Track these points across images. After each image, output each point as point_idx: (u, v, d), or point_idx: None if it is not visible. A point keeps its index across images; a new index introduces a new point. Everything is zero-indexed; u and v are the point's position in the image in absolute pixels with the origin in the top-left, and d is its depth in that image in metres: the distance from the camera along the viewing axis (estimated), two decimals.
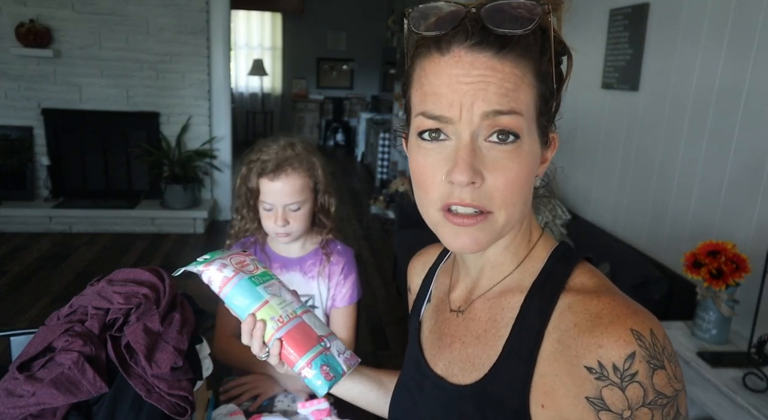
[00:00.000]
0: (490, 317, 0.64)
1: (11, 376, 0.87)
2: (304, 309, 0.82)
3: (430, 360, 0.71)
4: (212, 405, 1.19)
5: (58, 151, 4.55)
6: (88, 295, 0.97)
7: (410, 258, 0.91)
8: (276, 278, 0.84)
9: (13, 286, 3.47)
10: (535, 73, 0.56)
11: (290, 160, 1.29)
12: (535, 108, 0.57)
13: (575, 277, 0.60)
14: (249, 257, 0.85)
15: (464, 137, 0.55)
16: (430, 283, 0.79)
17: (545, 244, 0.66)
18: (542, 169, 0.63)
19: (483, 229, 0.58)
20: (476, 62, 0.55)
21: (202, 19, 4.50)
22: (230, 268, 0.80)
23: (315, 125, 9.16)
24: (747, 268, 1.58)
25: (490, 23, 0.54)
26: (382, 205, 5.14)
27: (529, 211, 0.65)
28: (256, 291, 0.79)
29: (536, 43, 0.56)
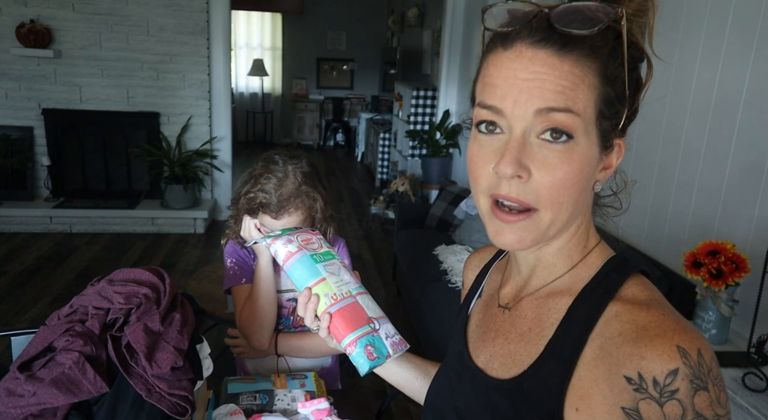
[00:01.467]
0: (536, 316, 0.65)
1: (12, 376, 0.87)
2: (359, 291, 0.87)
3: (472, 352, 0.72)
4: (212, 405, 1.19)
5: (59, 151, 4.55)
6: (88, 295, 0.97)
7: (410, 258, 0.93)
8: (339, 258, 0.91)
9: (13, 286, 3.48)
10: (600, 74, 0.56)
11: (291, 199, 1.27)
12: (594, 110, 0.56)
13: (627, 287, 0.59)
14: (316, 236, 0.93)
15: (516, 131, 0.56)
16: (483, 279, 0.81)
17: (601, 252, 0.65)
18: (604, 174, 0.61)
19: (526, 227, 0.58)
20: (535, 58, 0.55)
21: (202, 19, 4.51)
22: (295, 244, 0.88)
23: (315, 125, 9.16)
24: (747, 268, 1.58)
25: (557, 22, 0.55)
26: (382, 205, 5.14)
27: (587, 217, 0.65)
28: (316, 267, 0.86)
29: (605, 46, 0.56)
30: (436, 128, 4.89)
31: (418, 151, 5.32)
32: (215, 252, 4.25)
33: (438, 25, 5.33)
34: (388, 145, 6.62)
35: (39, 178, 4.56)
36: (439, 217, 3.47)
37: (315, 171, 1.35)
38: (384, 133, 6.68)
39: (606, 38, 0.56)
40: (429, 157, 4.89)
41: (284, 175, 1.29)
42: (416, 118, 5.40)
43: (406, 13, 6.94)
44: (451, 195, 3.52)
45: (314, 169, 1.35)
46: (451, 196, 3.51)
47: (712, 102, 2.01)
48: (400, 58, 7.61)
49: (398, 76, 7.56)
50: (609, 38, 0.56)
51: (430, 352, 2.60)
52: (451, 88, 4.99)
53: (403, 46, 7.52)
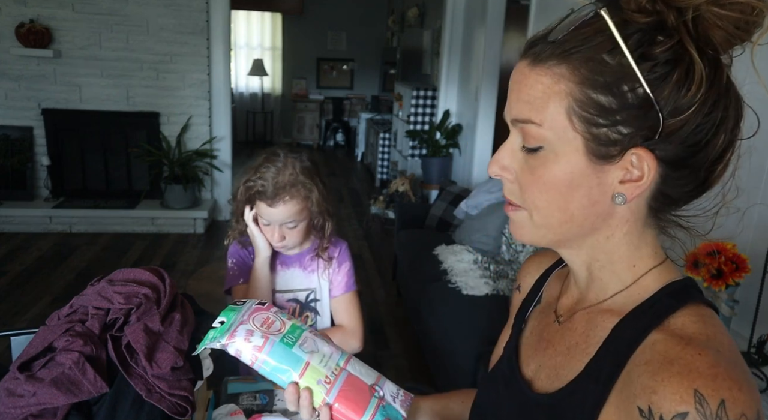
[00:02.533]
0: (584, 331, 0.64)
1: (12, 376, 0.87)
2: (345, 357, 0.76)
3: (523, 360, 0.71)
4: (212, 405, 1.19)
5: (58, 151, 4.55)
6: (88, 295, 0.97)
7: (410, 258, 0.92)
8: (305, 328, 0.76)
9: (13, 286, 3.47)
10: (580, 80, 0.53)
11: (287, 187, 1.28)
12: (572, 116, 0.54)
13: (679, 316, 0.55)
14: (271, 311, 0.77)
15: (509, 138, 0.60)
16: (541, 286, 0.78)
17: (660, 275, 0.61)
18: (629, 187, 0.55)
19: (518, 219, 0.62)
20: (517, 69, 0.58)
21: (202, 19, 4.51)
22: (258, 334, 0.71)
23: (315, 125, 9.15)
24: (747, 268, 1.58)
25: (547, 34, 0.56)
26: (382, 205, 5.14)
27: (628, 233, 0.59)
28: (293, 353, 0.71)
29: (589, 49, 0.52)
30: (436, 128, 4.89)
31: (418, 151, 5.32)
32: (215, 252, 4.25)
33: (438, 25, 5.33)
34: (388, 145, 6.62)
35: (39, 178, 4.56)
36: (439, 217, 3.47)
37: (314, 166, 1.36)
38: (384, 133, 6.68)
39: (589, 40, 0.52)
40: (429, 157, 4.89)
41: (283, 166, 1.30)
42: (416, 118, 5.40)
43: (406, 13, 6.94)
44: (451, 195, 3.52)
45: (314, 165, 1.36)
46: (451, 196, 3.51)
47: None
48: (400, 58, 7.61)
49: (398, 76, 7.56)
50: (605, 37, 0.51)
51: (430, 353, 2.61)
52: (451, 88, 4.99)
53: (403, 46, 7.52)
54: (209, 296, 2.25)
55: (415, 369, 2.80)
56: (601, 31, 0.52)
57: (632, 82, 0.51)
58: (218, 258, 4.07)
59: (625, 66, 0.51)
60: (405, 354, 2.93)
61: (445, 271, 2.78)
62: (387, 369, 2.77)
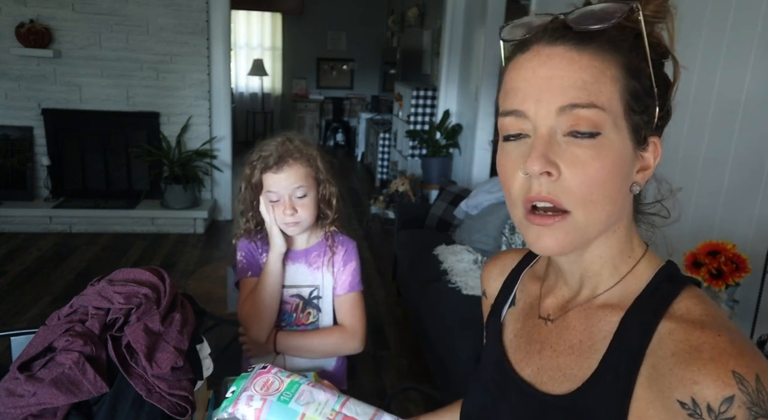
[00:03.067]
0: (585, 329, 0.63)
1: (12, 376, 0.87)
2: (341, 401, 0.82)
3: (516, 364, 0.69)
4: (212, 405, 1.19)
5: (58, 151, 4.55)
6: (88, 295, 0.97)
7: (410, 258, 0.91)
8: (303, 382, 0.84)
9: (13, 286, 3.47)
10: (622, 66, 0.55)
11: (290, 151, 1.33)
12: (621, 102, 0.55)
13: (681, 301, 0.57)
14: (271, 373, 0.85)
15: (541, 130, 0.55)
16: (512, 287, 0.77)
17: (650, 262, 0.63)
18: (642, 176, 0.59)
19: (563, 228, 0.56)
20: (553, 54, 0.55)
21: (202, 19, 4.50)
22: (257, 398, 0.80)
23: (315, 125, 9.15)
24: (747, 268, 1.58)
25: (572, 23, 0.55)
26: (382, 205, 5.14)
27: (628, 224, 0.62)
28: (290, 408, 0.79)
29: (625, 40, 0.55)
30: (436, 128, 4.89)
31: (418, 151, 5.32)
32: (215, 252, 4.25)
33: (438, 25, 5.33)
34: (388, 145, 6.62)
35: (39, 178, 4.56)
36: (439, 217, 3.47)
37: (311, 143, 1.42)
38: (384, 133, 6.68)
39: (624, 33, 0.55)
40: (429, 157, 4.89)
41: (283, 139, 1.37)
42: (416, 118, 5.40)
43: (406, 13, 6.93)
44: (451, 195, 3.52)
45: (309, 140, 1.43)
46: (451, 196, 3.51)
47: (713, 102, 2.01)
48: (400, 58, 7.60)
49: (398, 76, 7.56)
50: (628, 34, 0.55)
51: (430, 353, 2.61)
52: (451, 88, 4.99)
53: (403, 46, 7.52)
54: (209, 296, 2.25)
55: (415, 369, 2.80)
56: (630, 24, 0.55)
57: (647, 73, 0.56)
58: (218, 258, 4.07)
59: (643, 57, 0.55)
60: (405, 354, 2.93)
61: (445, 271, 2.78)
62: (387, 369, 2.77)
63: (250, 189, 1.37)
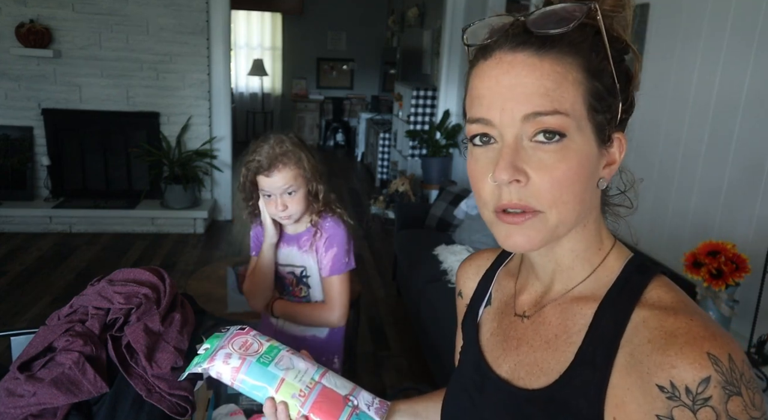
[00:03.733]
0: (560, 323, 0.64)
1: (12, 376, 0.87)
2: (320, 372, 0.81)
3: (492, 362, 0.70)
4: (212, 405, 1.19)
5: (58, 151, 4.55)
6: (88, 295, 0.97)
7: (410, 258, 0.91)
8: (283, 348, 0.82)
9: (13, 286, 3.47)
10: (584, 69, 0.56)
11: (280, 157, 1.47)
12: (584, 105, 0.56)
13: (651, 289, 0.59)
14: (250, 335, 0.82)
15: (507, 138, 0.56)
16: (488, 286, 0.78)
17: (619, 254, 0.64)
18: (608, 171, 0.60)
19: (533, 226, 0.58)
20: (515, 61, 0.55)
21: (202, 19, 4.50)
22: (236, 356, 0.77)
23: (315, 125, 9.15)
24: (747, 268, 1.58)
25: (532, 26, 0.56)
26: (382, 205, 5.14)
27: (597, 217, 0.64)
28: (269, 371, 0.77)
29: (584, 40, 0.56)
30: (436, 128, 4.89)
31: (418, 151, 5.32)
32: (215, 252, 4.25)
33: (438, 25, 5.33)
34: (388, 145, 6.62)
35: (39, 178, 4.56)
36: (439, 217, 3.47)
37: (301, 141, 1.55)
38: (384, 133, 6.68)
39: (584, 34, 0.56)
40: (429, 157, 4.89)
41: (274, 142, 1.49)
42: (416, 118, 5.40)
43: (406, 13, 6.93)
44: (451, 195, 3.52)
45: (301, 141, 1.55)
46: (451, 196, 3.51)
47: (713, 101, 2.01)
48: (400, 58, 7.61)
49: (398, 76, 7.56)
50: (587, 34, 0.56)
51: (430, 353, 2.60)
52: (451, 88, 4.99)
53: (403, 46, 7.52)
54: (209, 296, 2.26)
55: (415, 369, 2.80)
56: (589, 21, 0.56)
57: (609, 70, 0.57)
58: (218, 258, 4.07)
59: (604, 56, 0.57)
60: (405, 354, 2.93)
61: (445, 271, 2.78)
62: (387, 369, 2.77)
63: (248, 183, 1.53)
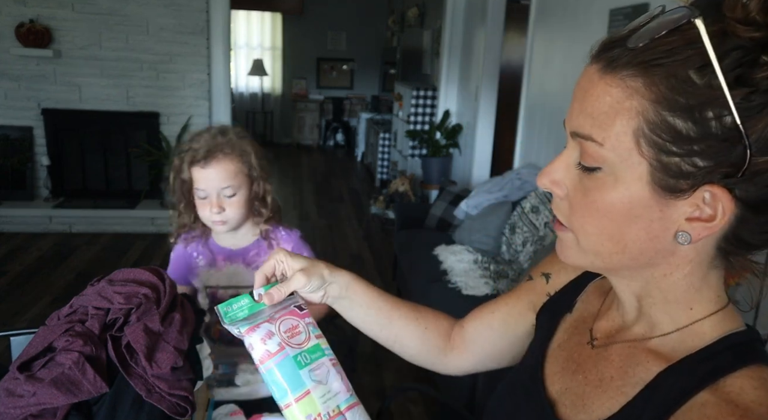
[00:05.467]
0: (621, 367, 0.58)
1: (11, 376, 0.87)
2: (350, 402, 0.69)
3: (548, 376, 0.66)
4: (212, 405, 1.19)
5: (58, 151, 4.55)
6: (88, 295, 0.97)
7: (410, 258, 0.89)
8: (326, 355, 0.71)
9: (13, 286, 3.47)
10: (653, 99, 0.45)
11: (221, 146, 1.26)
12: (634, 138, 0.47)
13: (739, 376, 0.49)
14: (303, 321, 0.71)
15: (565, 149, 0.54)
16: (577, 292, 0.71)
17: (721, 323, 0.54)
18: (698, 227, 0.49)
19: (565, 241, 0.57)
20: (586, 71, 0.51)
21: (202, 19, 4.50)
22: (276, 340, 0.67)
23: (315, 125, 9.16)
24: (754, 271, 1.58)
25: (616, 40, 0.49)
26: (382, 205, 5.14)
27: (690, 273, 0.53)
28: (299, 375, 0.67)
29: (668, 65, 0.45)
30: (436, 128, 4.89)
31: (418, 151, 5.32)
32: None
33: (438, 25, 5.33)
34: (388, 145, 6.62)
35: (39, 178, 4.56)
36: (439, 217, 3.47)
37: (247, 137, 1.34)
38: (384, 133, 6.68)
39: (676, 56, 0.45)
40: (429, 157, 4.89)
41: (216, 131, 1.30)
42: (416, 118, 5.40)
43: (406, 13, 6.94)
44: (451, 195, 3.52)
45: (246, 136, 1.34)
46: (451, 196, 3.51)
47: None
48: (400, 58, 7.61)
49: (398, 76, 7.56)
50: (683, 58, 0.44)
51: None
52: (451, 88, 4.99)
53: (403, 46, 7.52)
54: None
55: (415, 369, 2.79)
56: (692, 43, 0.44)
57: (720, 109, 0.43)
58: None
59: (715, 88, 0.43)
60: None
61: (445, 271, 2.78)
62: (387, 369, 2.77)
63: (180, 180, 1.31)
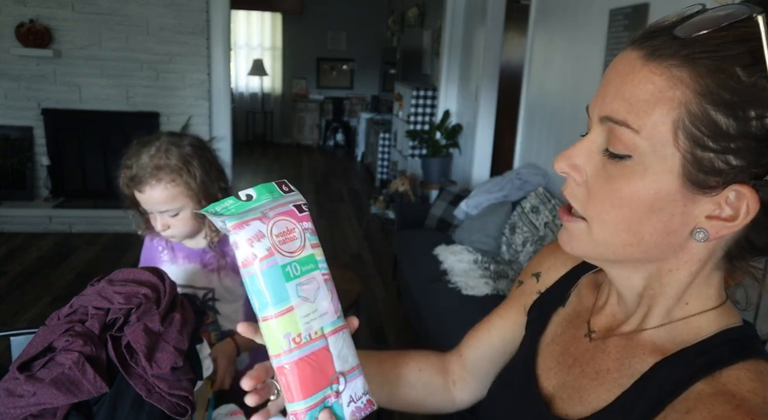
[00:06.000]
0: (618, 358, 0.58)
1: (11, 376, 0.87)
2: (336, 326, 0.60)
3: (542, 371, 0.66)
4: (212, 405, 1.19)
5: (58, 151, 4.55)
6: (88, 295, 0.97)
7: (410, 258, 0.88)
8: (320, 268, 0.61)
9: (13, 286, 3.47)
10: (698, 90, 0.45)
11: (157, 171, 1.21)
12: (672, 130, 0.46)
13: (736, 368, 0.49)
14: (300, 225, 0.60)
15: (590, 134, 0.52)
16: (569, 286, 0.71)
17: (717, 318, 0.54)
18: (716, 226, 0.48)
19: (573, 231, 0.54)
20: (625, 57, 0.49)
21: (202, 19, 4.50)
22: (265, 244, 0.57)
23: (315, 125, 9.16)
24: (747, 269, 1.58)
25: (664, 28, 0.48)
26: (382, 205, 5.14)
27: (696, 271, 0.53)
28: (285, 289, 0.57)
29: (717, 58, 0.44)
30: (436, 128, 4.89)
31: (418, 151, 5.32)
32: None
33: (438, 25, 5.33)
34: (388, 145, 6.62)
35: (39, 178, 4.56)
36: (439, 217, 3.47)
37: (197, 150, 1.27)
38: (384, 133, 6.68)
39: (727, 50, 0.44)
40: (429, 157, 4.89)
41: (156, 150, 1.24)
42: (416, 118, 5.40)
43: (406, 13, 6.94)
44: (451, 195, 3.52)
45: (196, 149, 1.27)
46: (451, 196, 3.51)
47: None
48: (400, 58, 7.61)
49: (398, 76, 7.56)
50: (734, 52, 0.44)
51: None
52: (451, 88, 4.99)
53: (403, 46, 7.52)
54: None
55: None
56: (744, 40, 0.44)
57: (763, 109, 0.43)
58: None
59: (761, 88, 0.43)
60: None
61: (445, 271, 2.78)
62: None
63: (124, 191, 1.28)
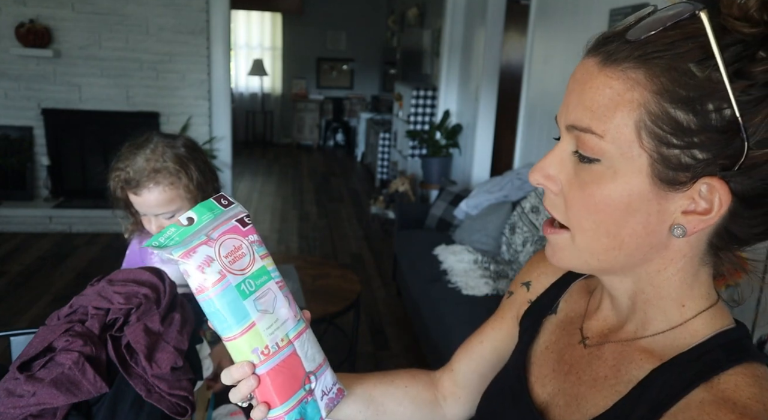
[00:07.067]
0: (615, 365, 0.58)
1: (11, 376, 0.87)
2: (299, 328, 0.63)
3: (535, 378, 0.66)
4: (212, 405, 1.19)
5: (58, 151, 4.55)
6: (88, 295, 0.97)
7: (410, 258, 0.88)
8: (273, 277, 0.62)
9: (13, 286, 3.47)
10: (655, 90, 0.46)
11: (152, 175, 1.21)
12: (637, 130, 0.47)
13: (733, 373, 0.49)
14: (247, 239, 0.61)
15: (559, 143, 0.53)
16: (559, 293, 0.71)
17: (712, 320, 0.54)
18: (693, 220, 0.49)
19: (558, 243, 0.55)
20: (584, 65, 0.50)
21: (202, 19, 4.50)
22: (215, 268, 0.57)
23: (315, 125, 9.16)
24: (746, 269, 1.58)
25: (617, 32, 0.49)
26: (382, 205, 5.14)
27: (683, 269, 0.53)
28: (243, 306, 0.58)
29: (669, 58, 0.45)
30: (436, 128, 4.89)
31: (418, 151, 5.32)
32: None
33: (438, 25, 5.33)
34: (388, 145, 6.62)
35: (38, 178, 4.56)
36: (439, 217, 3.47)
37: (191, 151, 1.28)
38: (384, 133, 6.68)
39: (676, 49, 0.45)
40: (429, 157, 4.89)
41: (151, 152, 1.24)
42: (416, 118, 5.40)
43: (406, 13, 6.94)
44: (451, 195, 3.52)
45: (190, 150, 1.28)
46: (451, 196, 3.51)
47: None
48: (400, 58, 7.61)
49: (398, 76, 7.56)
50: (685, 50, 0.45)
51: (431, 353, 2.60)
52: (451, 88, 4.99)
53: (403, 46, 7.52)
54: None
55: None
56: (692, 37, 0.45)
57: (720, 102, 0.44)
58: None
59: (715, 81, 0.44)
60: (405, 354, 2.93)
61: (445, 271, 2.78)
62: (387, 369, 2.77)
63: (117, 194, 1.28)
